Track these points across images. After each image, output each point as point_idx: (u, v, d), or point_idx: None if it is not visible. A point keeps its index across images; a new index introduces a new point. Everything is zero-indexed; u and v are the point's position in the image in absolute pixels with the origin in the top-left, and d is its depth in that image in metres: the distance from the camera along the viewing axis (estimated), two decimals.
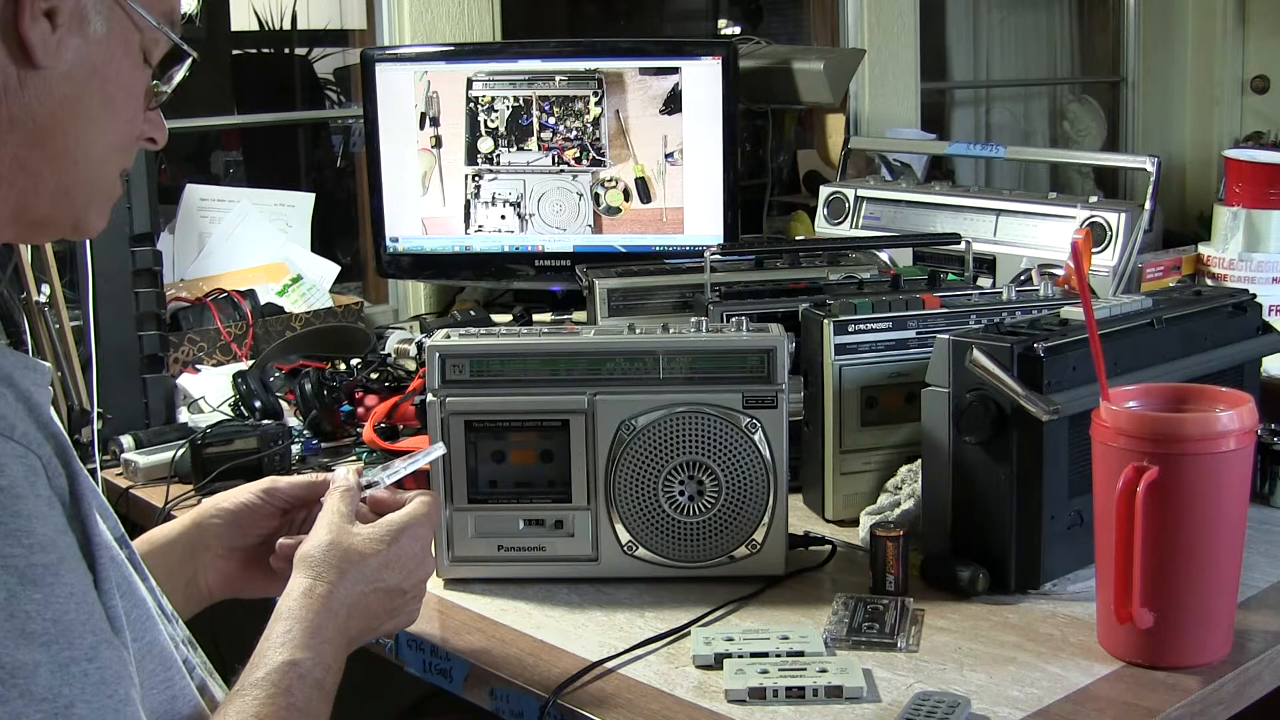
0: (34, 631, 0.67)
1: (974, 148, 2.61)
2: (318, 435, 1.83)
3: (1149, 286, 2.00)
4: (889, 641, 1.17)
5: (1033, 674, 1.11)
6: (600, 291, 1.69)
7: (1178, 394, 1.17)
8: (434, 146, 2.32)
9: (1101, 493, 1.11)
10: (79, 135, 0.82)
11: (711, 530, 1.31)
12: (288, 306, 2.25)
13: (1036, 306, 1.45)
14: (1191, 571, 1.10)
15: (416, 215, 2.34)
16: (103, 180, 0.85)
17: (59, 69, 0.79)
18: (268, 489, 1.15)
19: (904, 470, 1.42)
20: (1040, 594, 1.27)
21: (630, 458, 1.30)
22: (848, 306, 1.45)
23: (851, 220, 2.34)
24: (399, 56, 2.36)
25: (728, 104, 2.25)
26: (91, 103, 0.82)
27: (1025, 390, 1.20)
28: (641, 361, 1.30)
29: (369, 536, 1.02)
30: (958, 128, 4.80)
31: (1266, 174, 2.08)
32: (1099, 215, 2.03)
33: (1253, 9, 5.05)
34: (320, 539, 1.01)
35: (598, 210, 2.30)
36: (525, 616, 1.26)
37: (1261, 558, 1.33)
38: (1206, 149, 5.00)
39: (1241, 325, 1.46)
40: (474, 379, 1.32)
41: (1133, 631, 1.10)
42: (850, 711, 1.06)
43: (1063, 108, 5.01)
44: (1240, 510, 1.12)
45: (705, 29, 5.08)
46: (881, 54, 3.49)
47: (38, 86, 0.79)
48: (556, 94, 2.29)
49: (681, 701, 1.09)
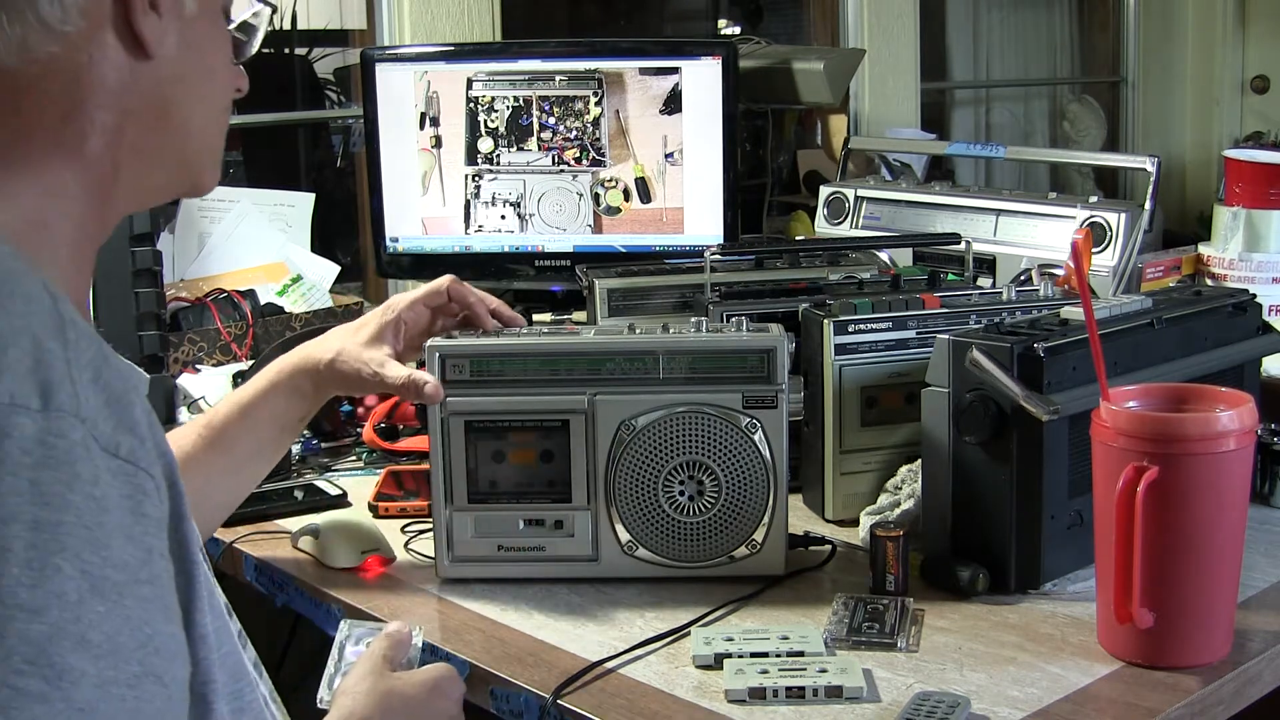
0: (91, 641, 0.67)
1: (974, 148, 2.61)
2: (318, 435, 1.83)
3: (1149, 286, 2.00)
4: (889, 641, 1.17)
5: (1033, 674, 1.11)
6: (600, 291, 1.69)
7: (1178, 394, 1.17)
8: (434, 146, 2.31)
9: (1101, 493, 1.11)
10: (189, 110, 0.85)
11: (711, 530, 1.31)
12: (288, 306, 2.25)
13: (1036, 306, 1.45)
14: (1191, 571, 1.10)
15: (416, 215, 2.34)
16: (213, 141, 0.89)
17: (167, 55, 0.82)
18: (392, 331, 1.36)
19: (904, 470, 1.42)
20: (1040, 594, 1.27)
21: (630, 458, 1.30)
22: (848, 306, 1.45)
23: (851, 220, 2.34)
24: (399, 56, 2.36)
25: (728, 104, 2.25)
26: (196, 78, 0.86)
27: (1025, 390, 1.20)
28: (641, 361, 1.30)
29: (410, 681, 1.03)
30: (958, 128, 4.80)
31: (1266, 174, 2.08)
32: (1099, 215, 2.03)
33: (1253, 9, 5.05)
34: (362, 677, 1.01)
35: (598, 210, 2.30)
36: (525, 616, 1.26)
37: (1261, 558, 1.33)
38: (1206, 149, 5.01)
39: (1241, 325, 1.46)
40: (474, 379, 1.32)
41: (1133, 631, 1.10)
42: (850, 711, 1.06)
43: (1063, 108, 5.01)
44: (1240, 510, 1.12)
45: (705, 29, 5.08)
46: (881, 54, 3.49)
47: (150, 76, 0.82)
48: (556, 94, 2.29)
49: (681, 701, 1.09)
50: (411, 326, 1.38)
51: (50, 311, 0.71)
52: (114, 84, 0.80)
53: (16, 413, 0.66)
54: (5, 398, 0.66)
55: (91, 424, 0.69)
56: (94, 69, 0.79)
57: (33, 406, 0.67)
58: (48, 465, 0.67)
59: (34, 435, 0.66)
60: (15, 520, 0.65)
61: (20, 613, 0.64)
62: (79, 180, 0.81)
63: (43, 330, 0.69)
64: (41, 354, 0.68)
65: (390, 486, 1.61)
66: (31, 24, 0.76)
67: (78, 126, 0.80)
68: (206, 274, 2.30)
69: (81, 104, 0.80)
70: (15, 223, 0.78)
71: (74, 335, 0.71)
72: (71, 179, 0.81)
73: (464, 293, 1.40)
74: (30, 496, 0.66)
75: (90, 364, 0.70)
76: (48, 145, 0.79)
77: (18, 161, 0.79)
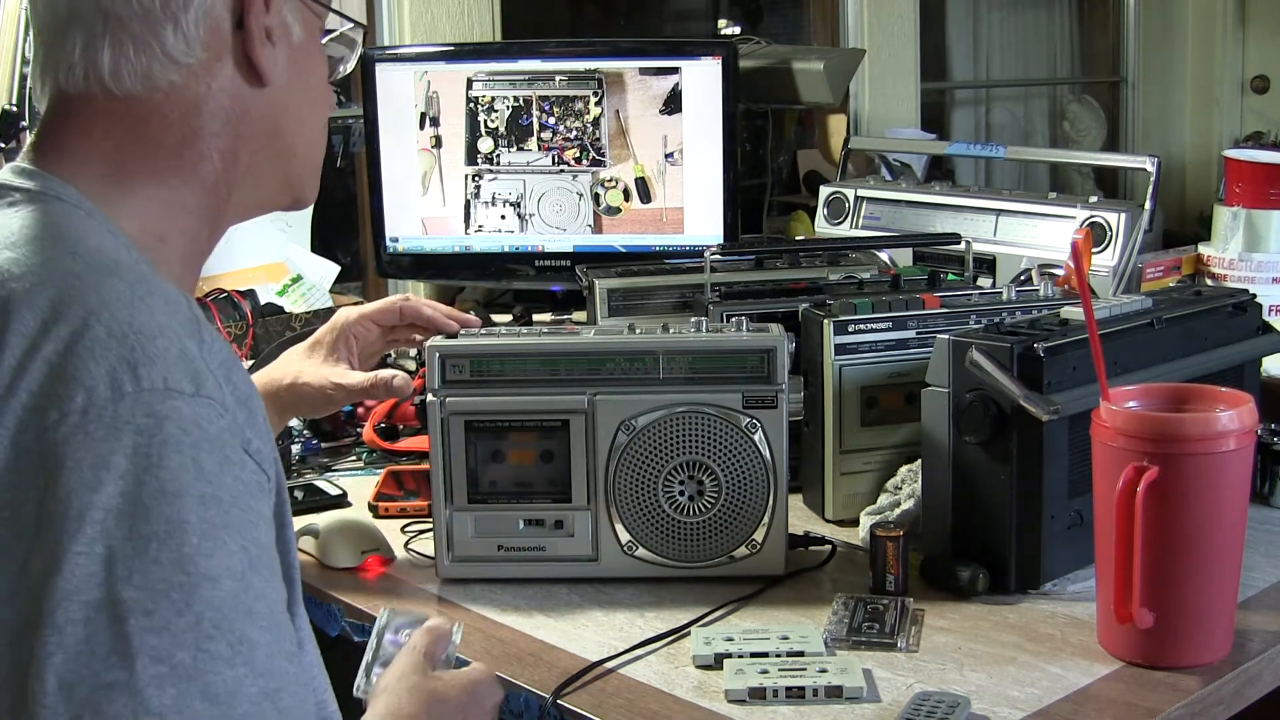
0: (258, 613, 0.72)
1: (974, 148, 2.61)
2: (318, 435, 1.83)
3: (1149, 286, 2.00)
4: (889, 641, 1.17)
5: (1033, 674, 1.11)
6: (600, 291, 1.69)
7: (1178, 394, 1.17)
8: (434, 146, 2.32)
9: (1101, 493, 1.11)
10: (296, 132, 0.90)
11: (711, 530, 1.31)
12: (288, 306, 2.25)
13: (1036, 306, 1.45)
14: (1191, 571, 1.10)
15: (416, 215, 2.34)
16: (315, 159, 0.94)
17: (279, 82, 0.87)
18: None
19: (904, 470, 1.42)
20: (1040, 594, 1.27)
21: (630, 458, 1.30)
22: (848, 306, 1.45)
23: (851, 220, 2.34)
24: (399, 56, 2.36)
25: (728, 104, 2.25)
26: (303, 101, 0.90)
27: (1025, 390, 1.20)
28: (641, 361, 1.30)
29: (450, 683, 1.02)
30: (958, 128, 4.80)
31: (1266, 174, 2.08)
32: (1099, 215, 2.03)
33: (1253, 9, 5.05)
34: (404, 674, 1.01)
35: (598, 210, 2.30)
36: (525, 616, 1.26)
37: (1261, 558, 1.33)
38: (1206, 149, 5.00)
39: (1241, 325, 1.46)
40: (474, 379, 1.31)
41: (1133, 631, 1.10)
42: (850, 711, 1.06)
43: (1063, 108, 5.01)
44: (1240, 510, 1.12)
45: (705, 29, 5.08)
46: (881, 54, 3.49)
47: (263, 102, 0.87)
48: (556, 94, 2.29)
49: (681, 701, 1.09)
50: (361, 341, 1.40)
51: (187, 312, 0.76)
52: (231, 111, 0.85)
53: (172, 396, 0.71)
54: (159, 383, 0.71)
55: (233, 415, 0.74)
56: (213, 97, 0.85)
57: (186, 391, 0.72)
58: (203, 446, 0.71)
59: (190, 417, 0.71)
60: (187, 494, 0.70)
61: (204, 581, 0.69)
62: (196, 199, 0.86)
63: (182, 328, 0.74)
64: (184, 346, 0.73)
65: (390, 486, 1.61)
66: (156, 55, 0.82)
67: (196, 150, 0.85)
68: (206, 274, 2.29)
69: (200, 130, 0.85)
70: (140, 234, 0.83)
71: (208, 336, 0.76)
72: (190, 197, 0.86)
73: (417, 309, 1.40)
74: (195, 473, 0.70)
75: (223, 364, 0.76)
76: (169, 166, 0.85)
77: (140, 178, 0.84)
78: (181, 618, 0.68)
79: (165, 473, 0.69)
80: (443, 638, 1.06)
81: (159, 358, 0.72)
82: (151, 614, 0.67)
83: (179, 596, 0.68)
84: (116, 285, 0.74)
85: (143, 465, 0.69)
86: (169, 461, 0.69)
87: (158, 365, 0.71)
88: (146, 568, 0.68)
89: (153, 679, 0.66)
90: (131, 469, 0.69)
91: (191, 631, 0.68)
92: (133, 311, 0.73)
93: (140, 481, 0.69)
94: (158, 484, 0.69)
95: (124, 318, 0.72)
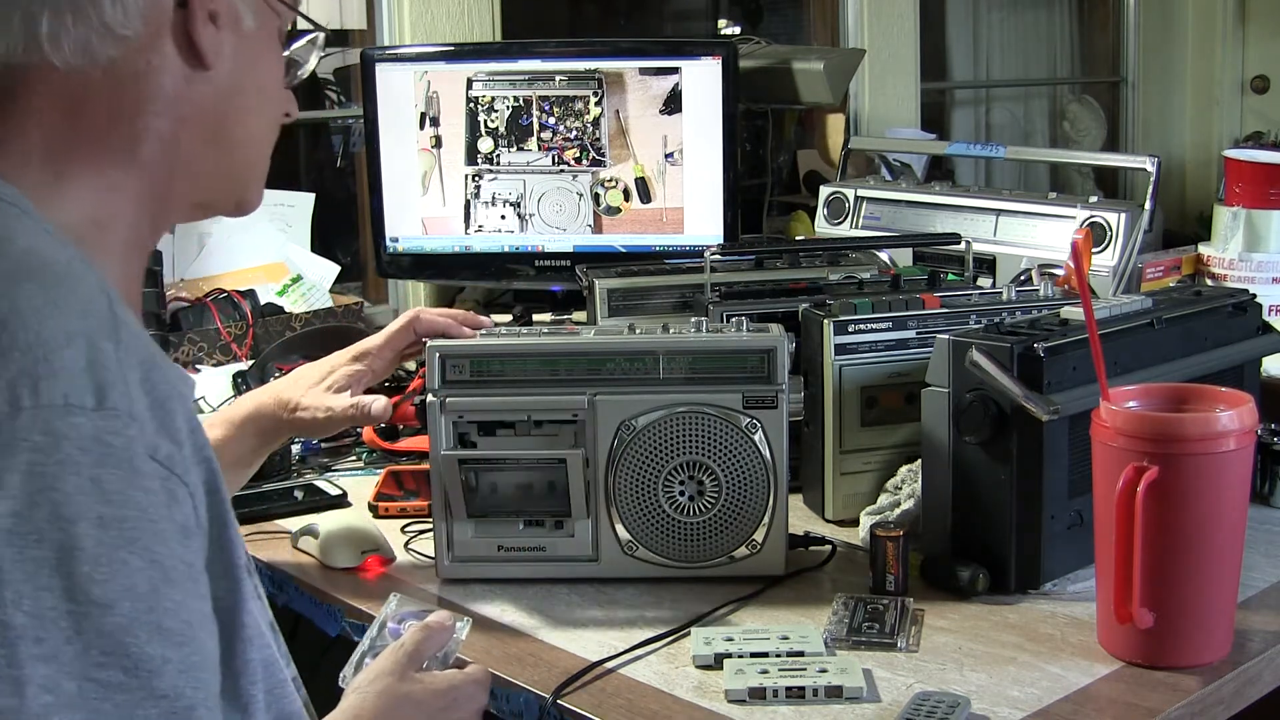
0: (169, 629, 0.69)
1: (974, 148, 2.61)
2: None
3: (1149, 286, 2.00)
4: (889, 641, 1.17)
5: (1033, 674, 1.11)
6: (600, 291, 1.69)
7: (1178, 394, 1.17)
8: (434, 146, 2.31)
9: (1101, 493, 1.11)
10: (240, 125, 0.88)
11: (711, 530, 1.31)
12: (288, 306, 2.25)
13: (1036, 306, 1.45)
14: (1191, 571, 1.10)
15: (416, 215, 2.34)
16: (260, 160, 0.92)
17: (223, 67, 0.85)
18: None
19: (904, 470, 1.42)
20: (1040, 594, 1.27)
21: (630, 458, 1.30)
22: (848, 306, 1.45)
23: (851, 220, 2.34)
24: (399, 56, 2.36)
25: (728, 104, 2.25)
26: (249, 93, 0.88)
27: (1025, 390, 1.20)
28: (641, 361, 1.30)
29: (428, 686, 1.02)
30: (958, 128, 4.80)
31: (1266, 174, 2.08)
32: (1099, 215, 2.03)
33: (1253, 9, 5.05)
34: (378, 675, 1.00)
35: (598, 210, 2.30)
36: (525, 616, 1.26)
37: (1261, 558, 1.33)
38: (1206, 149, 5.00)
39: (1241, 325, 1.46)
40: (474, 379, 1.31)
41: (1133, 631, 1.10)
42: (850, 711, 1.06)
43: (1063, 108, 5.01)
44: (1240, 510, 1.12)
45: (705, 29, 5.08)
46: (881, 54, 3.49)
47: (205, 86, 0.85)
48: (556, 94, 2.29)
49: (681, 701, 1.09)
50: (379, 374, 1.40)
51: (106, 312, 0.73)
52: (170, 92, 0.83)
53: (72, 413, 0.68)
54: (60, 399, 0.68)
55: (141, 424, 0.71)
56: (152, 76, 0.82)
57: (88, 406, 0.69)
58: (106, 463, 0.69)
59: (91, 434, 0.69)
60: (81, 519, 0.67)
61: (94, 608, 0.67)
62: (134, 184, 0.84)
63: (98, 330, 0.72)
64: (96, 353, 0.71)
65: (390, 486, 1.61)
66: (94, 25, 0.79)
67: (135, 131, 0.83)
68: (206, 274, 2.30)
69: (139, 109, 0.83)
70: (75, 221, 0.81)
71: (126, 336, 0.73)
72: (127, 181, 0.84)
73: (432, 323, 1.39)
74: (94, 495, 0.68)
75: (140, 365, 0.73)
76: (106, 148, 0.83)
77: (78, 162, 0.82)
78: (70, 645, 0.66)
79: (59, 495, 0.67)
80: (440, 635, 1.05)
81: (62, 371, 0.69)
82: (41, 641, 0.65)
83: (68, 625, 0.66)
84: (31, 292, 0.71)
85: (36, 486, 0.67)
86: (64, 484, 0.67)
87: (59, 380, 0.69)
88: (37, 594, 0.66)
89: (42, 708, 0.65)
90: (25, 490, 0.67)
91: (79, 660, 0.66)
92: (42, 320, 0.70)
93: (34, 503, 0.67)
94: (51, 507, 0.67)
95: (33, 327, 0.70)
